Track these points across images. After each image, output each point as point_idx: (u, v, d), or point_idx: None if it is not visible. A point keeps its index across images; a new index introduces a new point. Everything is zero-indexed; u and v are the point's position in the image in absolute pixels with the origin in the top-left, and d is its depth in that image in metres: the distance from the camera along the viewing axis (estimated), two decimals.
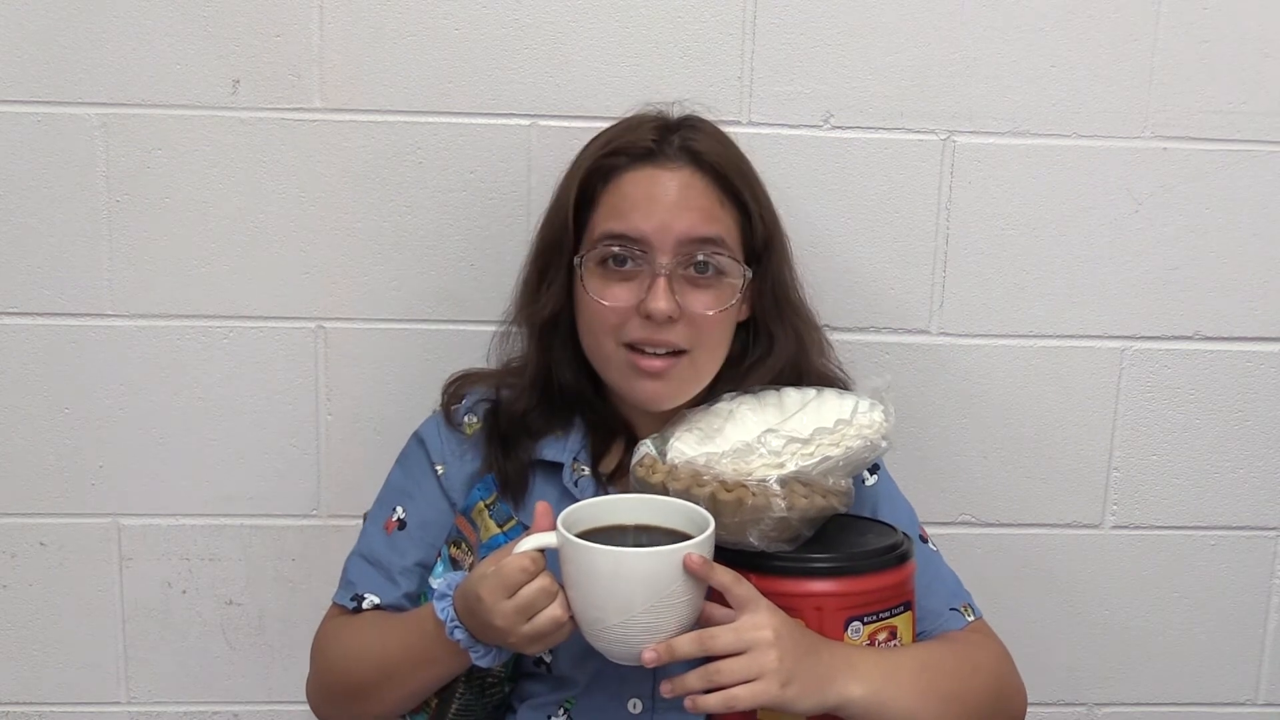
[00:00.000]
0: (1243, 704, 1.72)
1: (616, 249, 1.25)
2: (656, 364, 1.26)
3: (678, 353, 1.26)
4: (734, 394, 1.27)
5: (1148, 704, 1.71)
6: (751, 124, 1.52)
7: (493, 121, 1.51)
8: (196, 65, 1.48)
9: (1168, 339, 1.61)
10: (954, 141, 1.55)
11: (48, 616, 1.61)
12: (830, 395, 1.25)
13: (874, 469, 1.37)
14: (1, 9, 1.46)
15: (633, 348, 1.26)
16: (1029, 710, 1.61)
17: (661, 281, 1.23)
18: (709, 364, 1.29)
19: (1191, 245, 1.59)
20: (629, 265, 1.25)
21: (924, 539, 1.35)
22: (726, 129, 1.38)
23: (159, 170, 1.51)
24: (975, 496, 1.63)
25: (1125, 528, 1.66)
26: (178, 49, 1.48)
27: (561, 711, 1.27)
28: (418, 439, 1.38)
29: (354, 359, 1.56)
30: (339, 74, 1.50)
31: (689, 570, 1.07)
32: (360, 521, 1.49)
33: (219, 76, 1.49)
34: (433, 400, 1.41)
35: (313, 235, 1.53)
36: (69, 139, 1.49)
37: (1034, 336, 1.60)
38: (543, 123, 1.51)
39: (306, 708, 1.61)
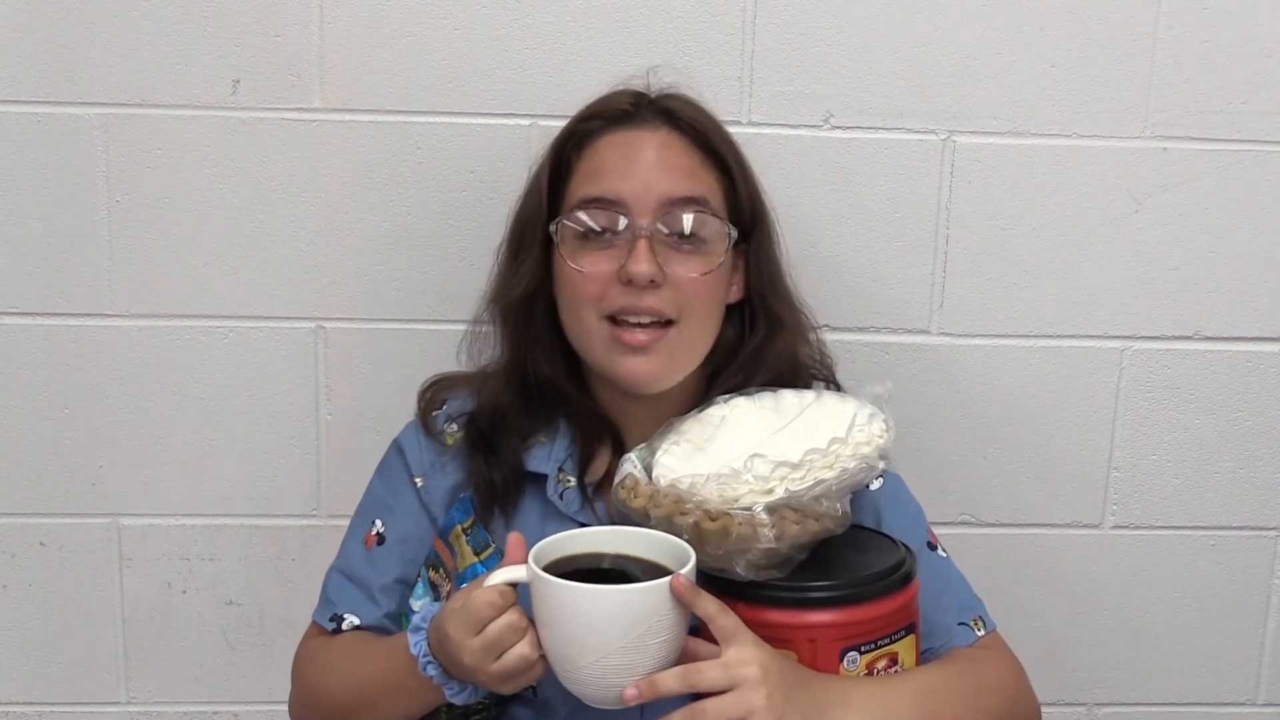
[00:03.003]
0: (1243, 704, 1.72)
1: (595, 214, 1.20)
2: (640, 337, 1.19)
3: (664, 324, 1.20)
4: (728, 396, 1.20)
5: (1148, 704, 1.71)
6: (751, 124, 1.52)
7: (493, 121, 1.51)
8: (196, 65, 1.48)
9: (1168, 339, 1.61)
10: (954, 141, 1.55)
11: (48, 616, 1.61)
12: (830, 400, 1.20)
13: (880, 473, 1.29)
14: (1, 9, 1.46)
15: (615, 321, 1.20)
16: None
17: (642, 243, 1.18)
18: (698, 339, 1.23)
19: (1191, 245, 1.59)
20: (607, 235, 1.20)
21: (933, 546, 1.29)
22: (726, 129, 1.38)
23: (159, 170, 1.51)
24: (975, 496, 1.63)
25: (1125, 528, 1.66)
26: (178, 49, 1.48)
27: None
28: (397, 448, 1.33)
29: (354, 359, 1.56)
30: (339, 74, 1.50)
31: (675, 593, 1.01)
32: None
33: (219, 76, 1.49)
34: None
35: (313, 235, 1.53)
36: (69, 139, 1.49)
37: (1034, 336, 1.60)
38: (543, 123, 1.51)
39: None
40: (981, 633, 1.26)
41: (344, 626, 1.29)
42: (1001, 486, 1.63)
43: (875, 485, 1.29)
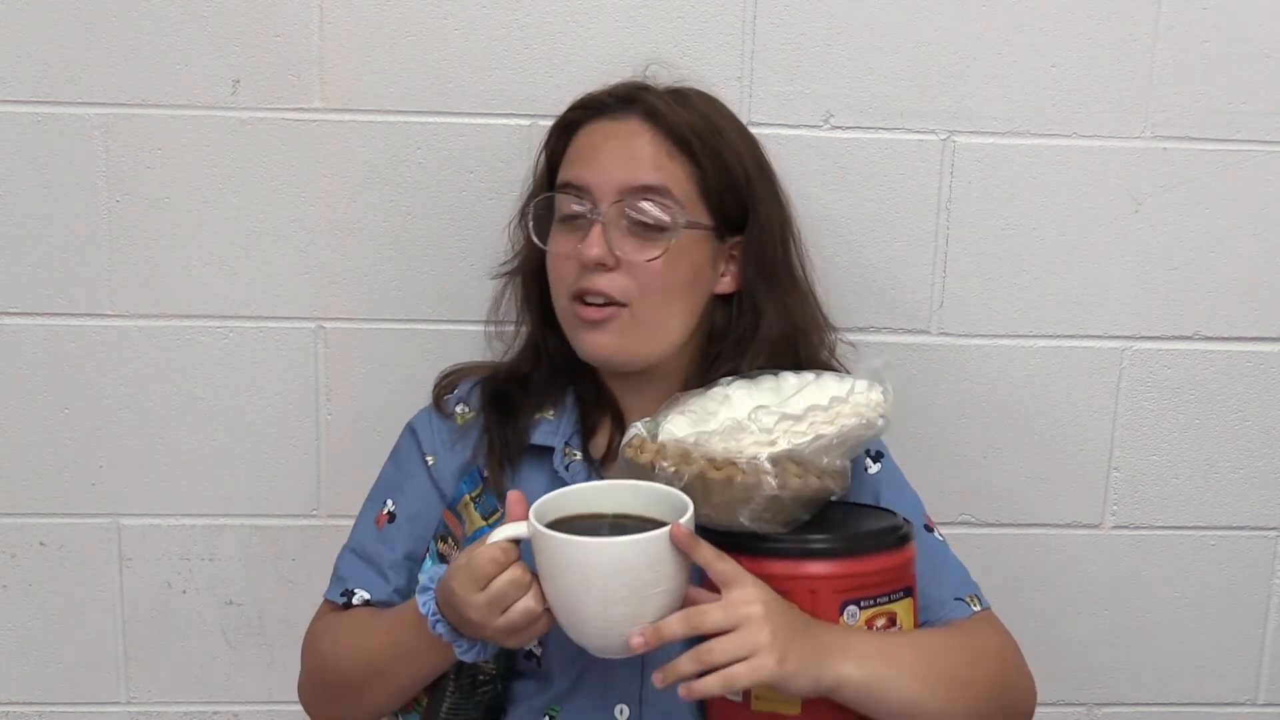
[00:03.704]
0: (1243, 704, 1.72)
1: (564, 199, 1.27)
2: (593, 314, 1.25)
3: (620, 305, 1.25)
4: (731, 379, 1.24)
5: (1148, 704, 1.71)
6: (751, 124, 1.52)
7: (493, 121, 1.51)
8: (196, 65, 1.48)
9: (1168, 339, 1.61)
10: (954, 141, 1.55)
11: (48, 616, 1.61)
12: (830, 378, 1.23)
13: (877, 457, 1.34)
14: (1, 9, 1.46)
15: (580, 301, 1.26)
16: None
17: (596, 228, 1.24)
18: (655, 320, 1.27)
19: (1191, 245, 1.59)
20: (578, 219, 1.26)
21: (930, 528, 1.32)
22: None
23: (159, 170, 1.51)
24: (975, 496, 1.63)
25: (1125, 528, 1.66)
26: (178, 49, 1.48)
27: (546, 719, 1.26)
28: (410, 430, 1.37)
29: (354, 359, 1.56)
30: (339, 74, 1.50)
31: (675, 542, 1.04)
32: None
33: (219, 76, 1.49)
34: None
35: (313, 235, 1.53)
36: (69, 139, 1.49)
37: (1034, 336, 1.60)
38: (543, 123, 1.50)
39: None
40: (977, 609, 1.28)
41: (354, 601, 1.32)
42: (1001, 486, 1.63)
43: (874, 469, 1.33)
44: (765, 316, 1.30)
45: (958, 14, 1.52)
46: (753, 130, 1.51)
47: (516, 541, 1.09)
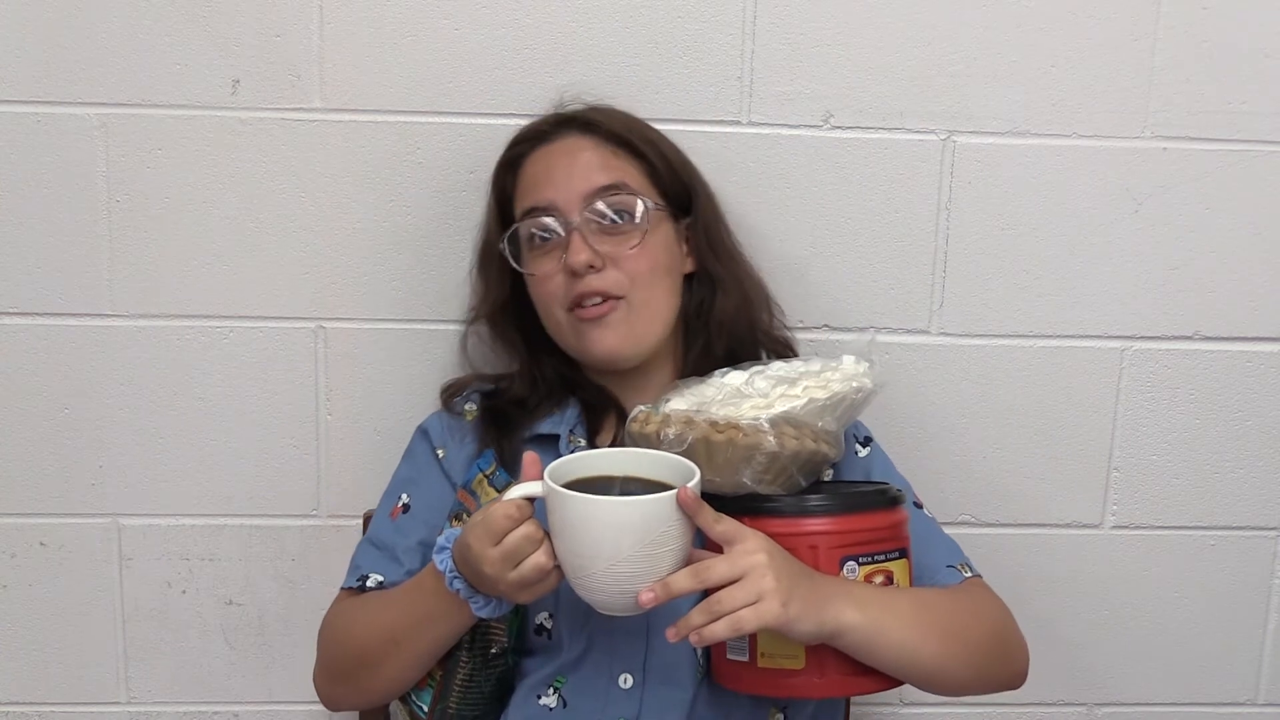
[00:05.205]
0: (1243, 704, 1.72)
1: (533, 222, 1.33)
2: (594, 310, 1.31)
3: (616, 299, 1.31)
4: (725, 370, 1.29)
5: (1148, 704, 1.71)
6: (751, 124, 1.52)
7: (493, 121, 1.51)
8: (196, 65, 1.48)
9: (1168, 339, 1.61)
10: (954, 141, 1.55)
11: (48, 616, 1.61)
12: (819, 359, 1.30)
13: (866, 442, 1.40)
14: (1, 9, 1.46)
15: (577, 306, 1.32)
16: (1028, 710, 1.61)
17: (575, 236, 1.31)
18: (649, 302, 1.33)
19: (1191, 245, 1.59)
20: (552, 238, 1.33)
21: (919, 505, 1.37)
22: (726, 129, 1.41)
23: (159, 170, 1.51)
24: (975, 496, 1.63)
25: (1125, 528, 1.66)
26: (178, 49, 1.48)
27: (552, 691, 1.28)
28: (421, 431, 1.42)
29: (354, 359, 1.56)
30: (339, 74, 1.50)
31: (681, 505, 1.08)
32: (360, 522, 1.49)
33: (219, 76, 1.49)
34: (432, 400, 1.43)
35: (313, 235, 1.53)
36: (69, 139, 1.49)
37: (1034, 336, 1.60)
38: None
39: (306, 708, 1.61)
40: (968, 574, 1.33)
41: (369, 585, 1.34)
42: (1001, 486, 1.63)
43: (862, 453, 1.39)
44: (721, 288, 1.39)
45: (958, 14, 1.52)
46: (752, 130, 1.52)
47: (531, 500, 1.13)
